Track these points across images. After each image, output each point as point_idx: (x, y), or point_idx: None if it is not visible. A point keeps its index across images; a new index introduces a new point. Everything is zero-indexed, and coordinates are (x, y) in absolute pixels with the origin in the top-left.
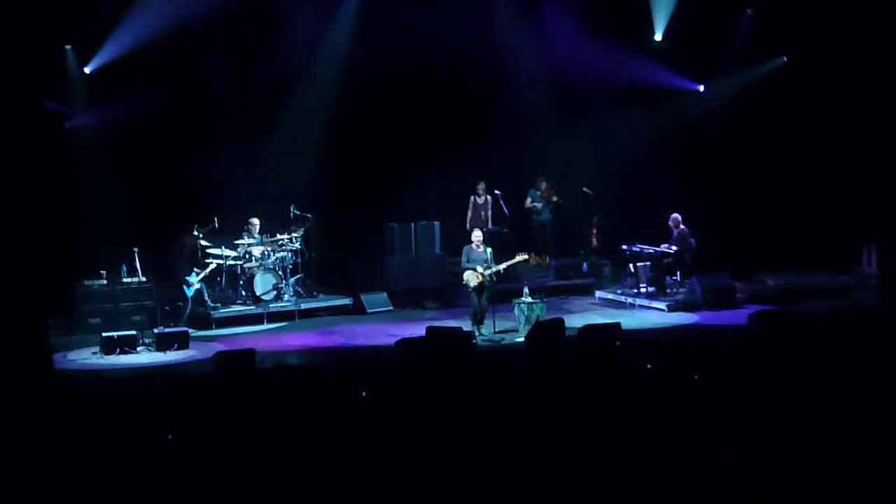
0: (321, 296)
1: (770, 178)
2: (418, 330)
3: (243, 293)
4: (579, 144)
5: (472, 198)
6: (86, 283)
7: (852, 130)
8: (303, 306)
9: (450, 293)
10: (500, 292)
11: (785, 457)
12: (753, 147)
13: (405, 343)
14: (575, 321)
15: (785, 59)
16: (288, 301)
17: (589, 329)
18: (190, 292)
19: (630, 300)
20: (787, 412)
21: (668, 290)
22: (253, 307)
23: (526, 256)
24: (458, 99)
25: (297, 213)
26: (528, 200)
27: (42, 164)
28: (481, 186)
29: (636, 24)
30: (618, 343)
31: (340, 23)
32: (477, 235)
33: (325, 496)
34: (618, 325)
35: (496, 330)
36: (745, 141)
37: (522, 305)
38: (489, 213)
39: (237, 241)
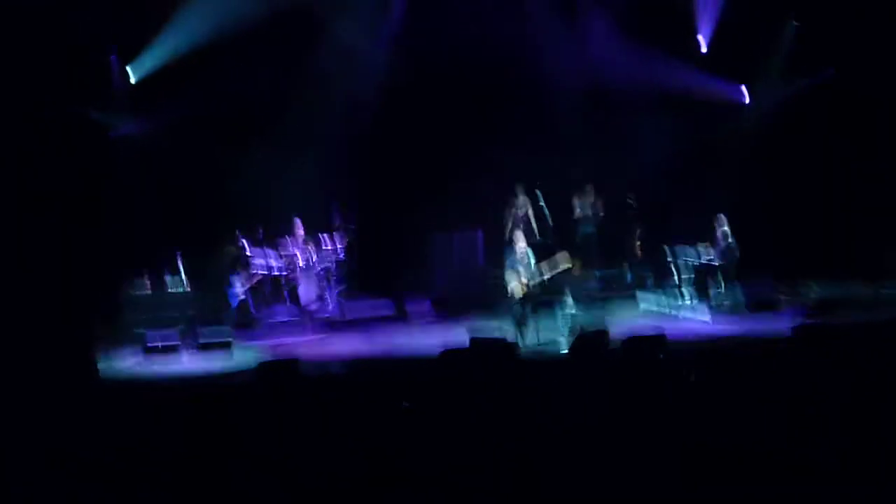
0: (365, 305)
1: (816, 187)
2: (462, 339)
3: (288, 302)
4: (621, 151)
5: (511, 209)
6: (131, 290)
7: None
8: (347, 316)
9: (493, 302)
10: (543, 302)
11: (826, 468)
12: (800, 156)
13: (449, 353)
14: (619, 331)
15: (832, 70)
16: (332, 309)
17: (633, 340)
18: (234, 301)
19: (674, 311)
20: (829, 425)
21: (712, 299)
22: (297, 316)
23: (570, 265)
24: (497, 105)
25: (341, 221)
26: (577, 210)
27: (87, 174)
28: (522, 197)
29: (680, 31)
30: (661, 356)
31: (377, 29)
32: (521, 245)
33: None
34: (663, 336)
35: (539, 340)
36: (792, 150)
37: (566, 315)
38: (531, 223)
39: (281, 251)
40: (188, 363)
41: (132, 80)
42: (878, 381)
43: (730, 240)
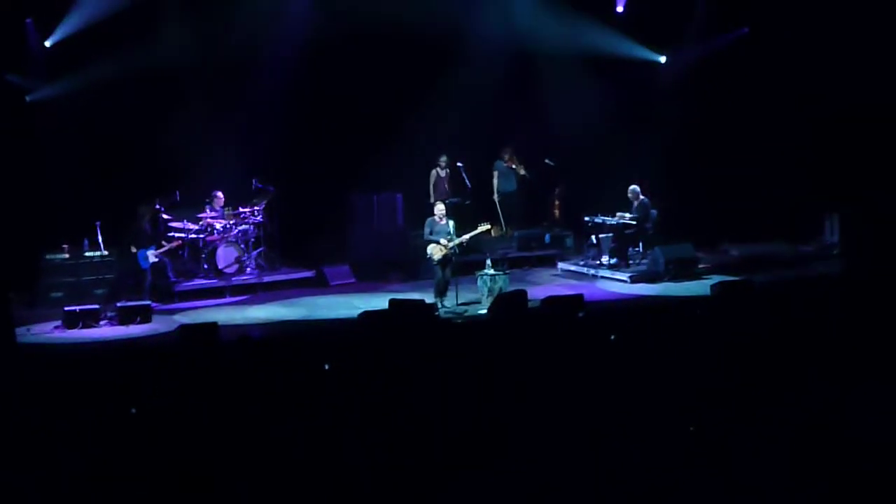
0: (284, 268)
1: (733, 148)
2: (381, 302)
3: (205, 266)
4: (541, 114)
5: (434, 171)
6: (48, 256)
7: (813, 100)
8: (265, 279)
9: (413, 266)
10: (463, 264)
11: (746, 425)
12: (716, 117)
13: (368, 315)
14: (538, 293)
15: (747, 29)
16: (250, 274)
17: (551, 300)
18: (146, 264)
19: (592, 271)
20: (747, 381)
21: (631, 261)
22: (215, 280)
23: (488, 227)
24: (420, 69)
25: (260, 185)
26: (497, 171)
27: (3, 138)
28: (443, 159)
29: None
30: (581, 314)
31: None
32: (440, 208)
33: (284, 468)
34: (581, 296)
35: (459, 302)
36: (707, 111)
37: (485, 277)
38: (450, 185)
39: (199, 215)
40: (107, 329)
41: (48, 44)
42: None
43: (645, 200)
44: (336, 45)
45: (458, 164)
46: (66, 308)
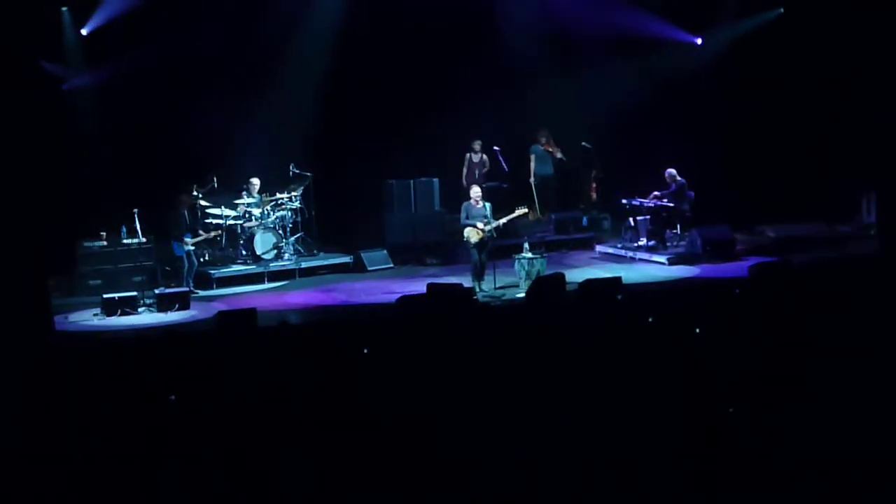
0: (321, 254)
1: (769, 129)
2: (419, 287)
3: (244, 252)
4: (576, 97)
5: (468, 155)
6: (86, 244)
7: (850, 82)
8: (303, 265)
9: (450, 249)
10: (500, 248)
11: (786, 408)
12: (751, 98)
13: (406, 300)
14: (575, 276)
15: (782, 10)
16: (288, 260)
17: (589, 283)
18: (181, 252)
19: (630, 254)
20: (787, 363)
21: (669, 244)
22: (254, 267)
23: (526, 210)
24: (455, 52)
25: (297, 171)
26: (534, 155)
27: (41, 126)
28: (478, 144)
29: None
30: (619, 297)
31: None
32: (476, 191)
33: (326, 453)
34: (618, 279)
35: (497, 286)
36: (743, 92)
37: (523, 261)
38: (484, 170)
39: (237, 201)
40: (146, 315)
41: (85, 32)
42: (835, 317)
43: (682, 182)
44: (372, 29)
45: (495, 147)
46: (105, 295)
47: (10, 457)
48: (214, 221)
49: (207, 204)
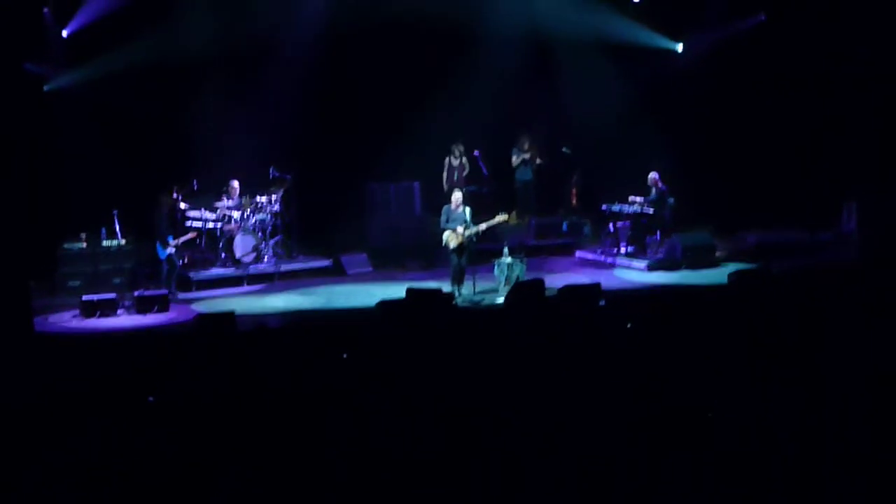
0: (301, 257)
1: (751, 135)
2: (399, 291)
3: (223, 255)
4: (557, 103)
5: (447, 159)
6: (66, 245)
7: (832, 88)
8: (283, 268)
9: (430, 254)
10: (480, 252)
11: (765, 414)
12: (732, 105)
13: (385, 304)
14: (555, 281)
15: (763, 17)
16: (268, 263)
17: (569, 289)
18: (163, 254)
19: (610, 260)
20: (765, 370)
21: (649, 250)
22: (233, 269)
23: (506, 216)
24: (437, 57)
25: (276, 174)
26: (514, 158)
27: (22, 128)
28: (458, 148)
29: None
30: (601, 303)
31: None
32: (456, 196)
33: (303, 458)
34: (598, 284)
35: (476, 290)
36: (723, 99)
37: (502, 266)
38: (464, 173)
39: (216, 203)
40: (125, 318)
41: (66, 33)
42: (814, 325)
43: (663, 188)
44: (353, 33)
45: (475, 152)
46: (84, 297)
47: None
48: (194, 224)
49: (186, 206)
